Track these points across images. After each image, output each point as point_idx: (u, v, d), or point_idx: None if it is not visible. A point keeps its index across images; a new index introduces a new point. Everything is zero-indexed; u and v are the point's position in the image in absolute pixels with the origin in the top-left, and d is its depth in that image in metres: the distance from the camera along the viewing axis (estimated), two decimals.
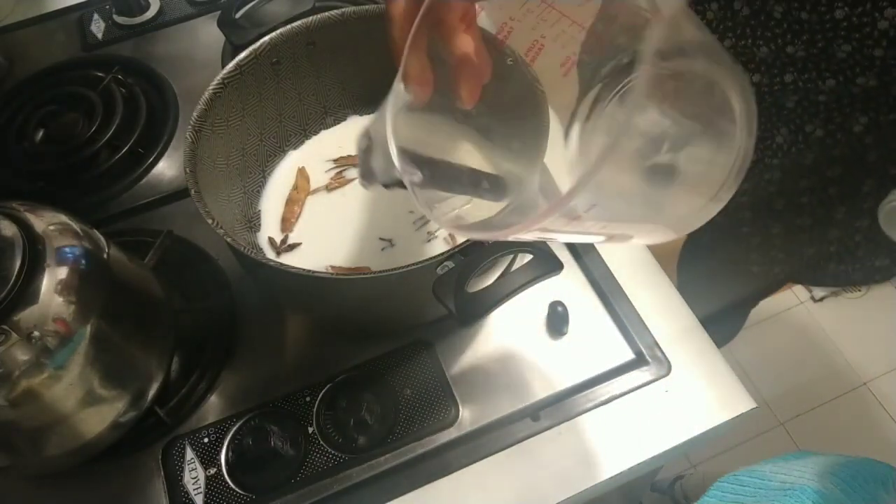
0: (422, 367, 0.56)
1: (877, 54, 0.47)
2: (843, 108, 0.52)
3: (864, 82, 0.49)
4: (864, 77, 0.49)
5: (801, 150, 0.57)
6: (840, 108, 0.52)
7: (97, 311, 0.47)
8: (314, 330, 0.60)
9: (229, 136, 0.56)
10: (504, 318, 0.59)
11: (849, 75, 0.49)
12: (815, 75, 0.51)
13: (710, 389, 0.54)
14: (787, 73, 0.52)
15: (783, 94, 0.54)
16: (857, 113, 0.52)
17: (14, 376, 0.43)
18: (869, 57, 0.47)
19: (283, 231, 0.60)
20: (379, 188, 0.41)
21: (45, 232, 0.46)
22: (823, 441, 1.33)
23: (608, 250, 0.61)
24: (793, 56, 0.51)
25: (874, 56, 0.47)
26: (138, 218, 0.68)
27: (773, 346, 1.45)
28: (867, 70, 0.49)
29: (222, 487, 0.51)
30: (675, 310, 0.58)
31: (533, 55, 0.43)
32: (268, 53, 0.56)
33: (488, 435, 0.53)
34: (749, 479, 0.58)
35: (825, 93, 0.52)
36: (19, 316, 0.43)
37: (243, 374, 0.57)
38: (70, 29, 0.87)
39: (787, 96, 0.54)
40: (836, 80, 0.50)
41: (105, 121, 0.72)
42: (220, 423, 0.54)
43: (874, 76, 0.49)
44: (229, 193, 0.57)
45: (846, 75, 0.50)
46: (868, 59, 0.48)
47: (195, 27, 0.85)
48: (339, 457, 0.52)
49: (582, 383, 0.55)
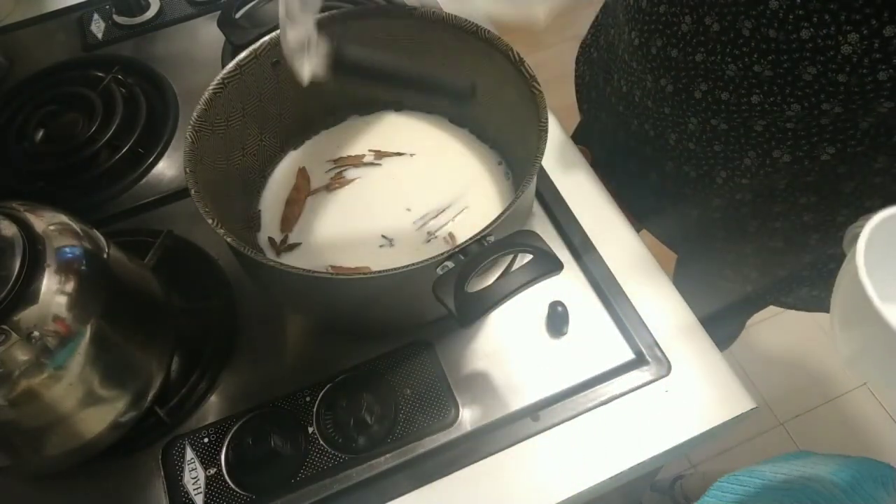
0: (422, 367, 0.56)
1: (840, 80, 0.47)
2: (810, 136, 0.52)
3: (829, 109, 0.49)
4: (829, 104, 0.49)
5: (770, 173, 0.57)
6: (808, 136, 0.52)
7: (97, 311, 0.47)
8: (314, 330, 0.60)
9: (229, 136, 0.56)
10: (504, 318, 0.59)
11: (813, 101, 0.49)
12: (781, 99, 0.51)
13: (710, 389, 0.54)
14: (753, 94, 0.52)
15: (750, 116, 0.54)
16: (824, 143, 0.52)
17: (14, 376, 0.43)
18: (833, 82, 0.47)
19: (283, 231, 0.60)
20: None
21: (45, 232, 0.46)
22: (823, 441, 1.33)
23: (608, 250, 0.61)
24: (759, 75, 0.51)
25: (838, 81, 0.47)
26: (138, 218, 0.68)
27: (773, 346, 1.45)
28: (832, 97, 0.48)
29: (222, 487, 0.51)
30: (675, 310, 0.58)
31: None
32: (268, 53, 0.56)
33: (488, 435, 0.53)
34: (749, 479, 0.58)
35: (792, 120, 0.52)
36: (19, 316, 0.43)
37: (243, 374, 0.57)
38: (70, 29, 0.87)
39: (755, 119, 0.54)
40: (801, 106, 0.50)
41: (105, 121, 0.72)
42: (220, 423, 0.54)
43: (839, 103, 0.49)
44: (229, 193, 0.57)
45: (811, 101, 0.49)
46: (832, 85, 0.48)
47: (195, 27, 0.85)
48: (339, 457, 0.52)
49: (582, 383, 0.55)
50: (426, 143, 0.64)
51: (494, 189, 0.61)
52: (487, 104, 0.59)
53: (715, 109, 0.56)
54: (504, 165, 0.62)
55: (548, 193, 0.65)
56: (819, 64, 0.47)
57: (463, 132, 0.65)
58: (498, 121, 0.60)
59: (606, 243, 0.61)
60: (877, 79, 0.46)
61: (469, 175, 0.62)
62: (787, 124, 0.53)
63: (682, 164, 0.63)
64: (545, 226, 0.64)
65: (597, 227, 0.62)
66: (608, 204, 0.65)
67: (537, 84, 0.51)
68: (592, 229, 0.62)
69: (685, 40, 0.55)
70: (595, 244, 0.61)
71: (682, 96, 0.58)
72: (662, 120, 0.62)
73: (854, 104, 0.48)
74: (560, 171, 0.67)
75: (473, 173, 0.62)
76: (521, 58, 0.52)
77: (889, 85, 0.46)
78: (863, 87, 0.47)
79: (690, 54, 0.55)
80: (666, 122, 0.62)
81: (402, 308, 0.53)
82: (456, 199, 0.60)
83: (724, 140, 0.57)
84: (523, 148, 0.52)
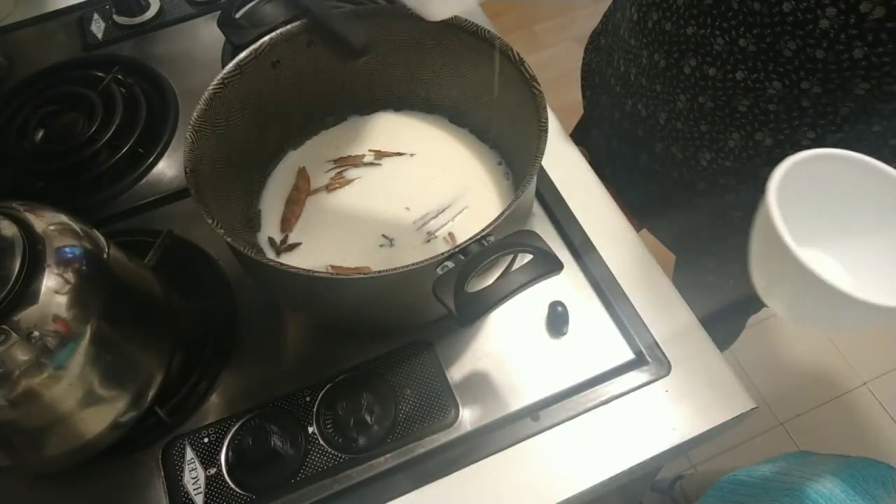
0: (422, 367, 0.56)
1: (818, 56, 0.48)
2: (791, 119, 0.54)
3: (808, 88, 0.51)
4: (808, 82, 0.50)
5: (752, 157, 0.58)
6: (789, 119, 0.54)
7: (97, 311, 0.47)
8: (314, 330, 0.60)
9: (229, 136, 0.56)
10: (504, 318, 0.59)
11: (794, 78, 0.51)
12: (763, 76, 0.53)
13: (710, 389, 0.54)
14: (738, 70, 0.54)
15: (735, 94, 0.56)
16: (804, 127, 0.54)
17: (14, 376, 0.43)
18: (811, 58, 0.49)
19: (283, 231, 0.60)
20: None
21: (45, 232, 0.46)
22: (823, 441, 1.33)
23: (608, 250, 0.61)
24: (744, 50, 0.53)
25: (816, 58, 0.49)
26: (138, 218, 0.68)
27: (773, 346, 1.45)
28: (810, 74, 0.50)
29: (222, 487, 0.51)
30: (675, 310, 0.58)
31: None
32: (268, 53, 0.56)
33: (488, 435, 0.53)
34: (749, 479, 0.58)
35: (774, 100, 0.53)
36: (19, 316, 0.43)
37: (243, 374, 0.57)
38: (70, 29, 0.87)
39: (739, 99, 0.56)
40: (781, 83, 0.52)
41: (105, 121, 0.72)
42: (220, 423, 0.54)
43: (817, 82, 0.50)
44: (229, 193, 0.57)
45: (791, 78, 0.51)
46: (811, 61, 0.49)
47: (195, 27, 0.85)
48: (339, 457, 0.52)
49: (582, 383, 0.55)
50: (426, 143, 0.64)
51: (494, 189, 0.61)
52: (487, 104, 0.60)
53: (703, 86, 0.58)
54: (504, 165, 0.62)
55: (548, 193, 0.65)
56: (798, 38, 0.49)
57: (463, 132, 0.65)
58: (498, 121, 0.60)
59: (606, 243, 0.61)
60: (852, 56, 0.47)
61: (469, 175, 0.62)
62: (770, 105, 0.54)
63: (669, 144, 0.65)
64: (545, 226, 0.64)
65: (597, 227, 0.62)
66: (608, 204, 0.65)
67: (537, 84, 0.51)
68: (592, 229, 0.62)
69: (679, 13, 0.57)
70: (595, 244, 0.61)
71: (672, 71, 0.60)
72: (654, 98, 0.64)
73: (832, 83, 0.50)
74: (560, 171, 0.67)
75: (473, 173, 0.62)
76: (521, 58, 0.52)
77: (864, 63, 0.47)
78: (839, 64, 0.48)
79: (683, 27, 0.57)
80: (657, 101, 0.64)
81: (402, 308, 0.53)
82: (456, 199, 0.60)
83: (709, 119, 0.59)
84: (523, 148, 0.52)
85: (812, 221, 0.43)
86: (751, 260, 0.44)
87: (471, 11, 0.82)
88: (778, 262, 0.39)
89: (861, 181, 0.41)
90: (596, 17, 0.79)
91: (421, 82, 0.63)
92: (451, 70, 0.60)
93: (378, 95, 0.66)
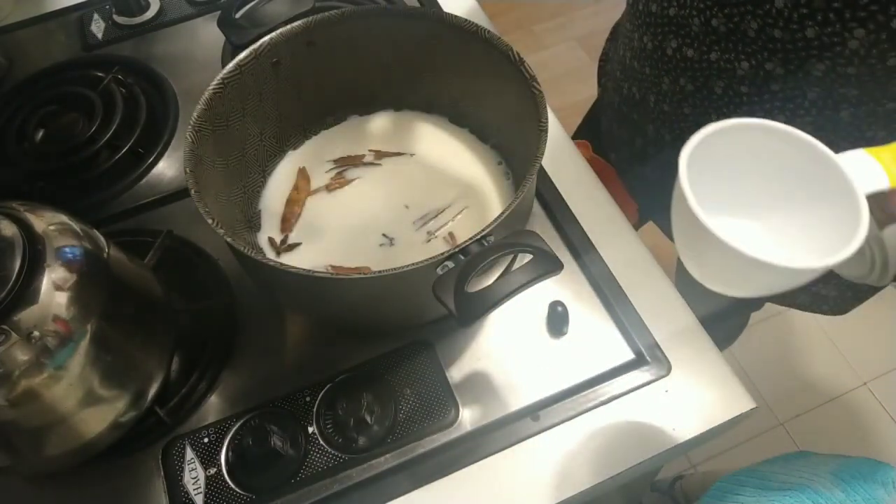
0: (422, 367, 0.56)
1: (776, 35, 0.50)
2: (763, 102, 0.55)
3: (772, 69, 0.53)
4: (772, 63, 0.52)
5: None
6: (761, 102, 0.55)
7: (97, 311, 0.47)
8: (314, 330, 0.60)
9: (229, 136, 0.56)
10: (504, 318, 0.59)
11: (759, 59, 0.53)
12: (734, 56, 0.54)
13: (710, 389, 0.54)
14: (713, 51, 0.56)
15: (710, 76, 0.58)
16: (775, 111, 0.55)
17: (14, 376, 0.43)
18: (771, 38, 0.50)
19: (283, 231, 0.60)
20: None
21: (45, 232, 0.46)
22: (823, 441, 1.33)
23: (608, 250, 0.61)
24: (717, 30, 0.54)
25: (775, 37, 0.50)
26: (138, 218, 0.68)
27: (773, 346, 1.45)
28: (773, 54, 0.52)
29: (222, 487, 0.51)
30: (675, 310, 0.58)
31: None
32: (268, 53, 0.56)
33: (488, 435, 0.53)
34: (749, 479, 0.58)
35: (745, 82, 0.55)
36: (19, 316, 0.43)
37: (243, 374, 0.57)
38: (70, 29, 0.87)
39: (714, 80, 0.58)
40: (748, 63, 0.54)
41: (105, 121, 0.72)
42: (220, 423, 0.54)
43: (780, 62, 0.52)
44: (229, 193, 0.57)
45: (757, 58, 0.53)
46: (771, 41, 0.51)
47: (195, 27, 0.85)
48: (339, 457, 0.52)
49: (582, 383, 0.55)
50: (426, 143, 0.64)
51: (494, 189, 0.61)
52: (487, 104, 0.60)
53: (683, 67, 0.59)
54: (504, 165, 0.62)
55: (548, 193, 0.65)
56: (759, 18, 0.50)
57: (463, 132, 0.65)
58: (498, 121, 0.60)
59: (606, 243, 0.61)
60: (805, 35, 0.48)
61: (469, 175, 0.62)
62: (742, 87, 0.56)
63: (659, 127, 0.66)
64: (545, 226, 0.64)
65: (597, 227, 0.62)
66: (608, 204, 0.65)
67: (537, 84, 0.51)
68: (592, 229, 0.62)
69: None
70: (595, 244, 0.61)
71: (658, 54, 0.61)
72: (644, 81, 0.65)
73: (791, 64, 0.51)
74: (560, 171, 0.67)
75: (473, 173, 0.62)
76: (521, 58, 0.52)
77: (816, 43, 0.48)
78: (794, 43, 0.49)
79: (666, 8, 0.58)
80: (646, 83, 0.65)
81: (402, 308, 0.53)
82: (456, 199, 0.60)
83: (691, 102, 0.61)
84: (523, 148, 0.52)
85: (738, 192, 0.42)
86: (677, 245, 0.43)
87: (471, 11, 0.82)
88: (688, 225, 0.39)
89: (784, 150, 0.40)
90: (596, 17, 0.80)
91: (421, 82, 0.63)
92: (451, 70, 0.60)
93: (378, 95, 0.66)
